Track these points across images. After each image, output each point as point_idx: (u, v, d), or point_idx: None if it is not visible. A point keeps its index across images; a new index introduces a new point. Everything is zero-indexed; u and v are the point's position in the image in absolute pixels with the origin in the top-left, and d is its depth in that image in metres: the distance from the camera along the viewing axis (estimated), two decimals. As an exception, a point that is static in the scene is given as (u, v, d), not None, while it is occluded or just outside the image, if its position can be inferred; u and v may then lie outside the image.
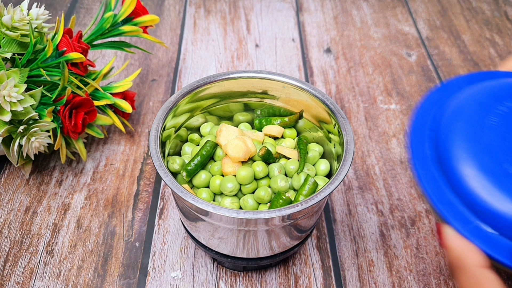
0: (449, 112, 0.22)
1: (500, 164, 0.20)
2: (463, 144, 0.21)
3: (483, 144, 0.21)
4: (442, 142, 0.21)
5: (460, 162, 0.20)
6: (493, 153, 0.20)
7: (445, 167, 0.21)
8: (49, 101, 0.36)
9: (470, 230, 0.19)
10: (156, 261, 0.34)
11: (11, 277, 0.33)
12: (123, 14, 0.40)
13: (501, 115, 0.22)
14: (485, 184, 0.20)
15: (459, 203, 0.20)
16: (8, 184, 0.39)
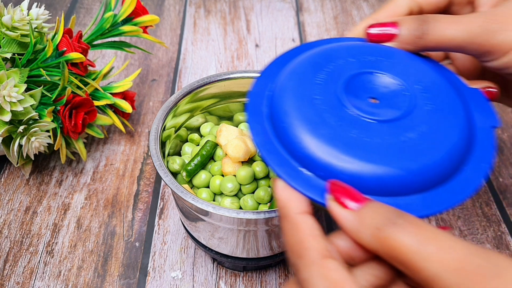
0: (285, 73, 0.25)
1: (319, 114, 0.22)
2: (290, 100, 0.23)
3: (307, 99, 0.23)
4: (275, 100, 0.24)
5: (285, 114, 0.23)
6: (315, 106, 0.23)
7: (274, 121, 0.23)
8: (49, 101, 0.36)
9: (290, 174, 0.21)
10: (156, 261, 0.34)
11: (11, 277, 0.33)
12: (123, 14, 0.40)
13: (328, 73, 0.24)
14: (304, 132, 0.22)
15: (284, 152, 0.22)
16: (8, 184, 0.39)
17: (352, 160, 0.21)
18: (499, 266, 0.16)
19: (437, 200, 0.21)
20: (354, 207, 0.19)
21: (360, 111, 0.22)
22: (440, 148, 0.21)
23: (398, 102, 0.23)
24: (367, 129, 0.22)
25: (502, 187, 0.40)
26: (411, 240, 0.17)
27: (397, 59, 0.25)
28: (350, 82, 0.24)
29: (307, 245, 0.19)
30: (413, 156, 0.21)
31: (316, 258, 0.19)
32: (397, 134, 0.22)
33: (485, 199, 0.39)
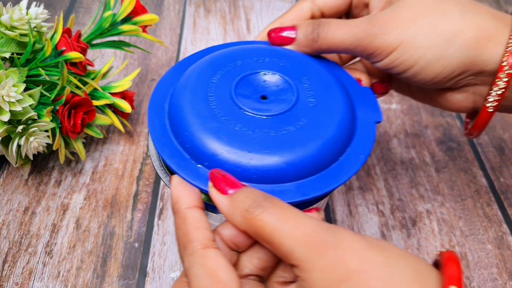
0: (187, 73, 0.27)
1: (210, 110, 0.24)
2: (186, 97, 0.25)
3: (201, 96, 0.25)
4: (173, 97, 0.26)
5: (180, 110, 0.25)
6: (207, 102, 0.25)
7: (171, 117, 0.25)
8: (48, 101, 0.36)
9: (180, 165, 0.23)
10: (155, 261, 0.34)
11: (10, 278, 0.32)
12: (123, 14, 0.40)
13: (224, 73, 0.27)
14: (193, 125, 0.24)
15: (179, 145, 0.24)
16: (6, 185, 0.39)
17: (234, 150, 0.23)
18: (338, 238, 0.19)
19: (309, 188, 0.23)
20: (231, 193, 0.21)
21: (248, 107, 0.25)
22: (315, 140, 0.23)
23: (284, 99, 0.25)
24: (251, 123, 0.24)
25: (503, 188, 0.40)
26: (272, 220, 0.19)
27: (291, 60, 0.28)
28: (243, 81, 0.26)
29: (191, 236, 0.21)
30: (289, 147, 0.23)
31: (197, 248, 0.21)
32: (278, 128, 0.24)
33: (487, 200, 0.39)
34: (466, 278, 0.33)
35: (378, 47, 0.26)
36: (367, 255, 0.18)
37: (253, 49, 0.28)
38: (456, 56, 0.25)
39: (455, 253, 0.20)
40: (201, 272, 0.20)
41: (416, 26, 0.26)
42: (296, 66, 0.27)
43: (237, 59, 0.28)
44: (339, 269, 0.18)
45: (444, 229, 0.36)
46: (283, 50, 0.29)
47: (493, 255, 0.35)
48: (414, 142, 0.43)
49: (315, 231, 0.19)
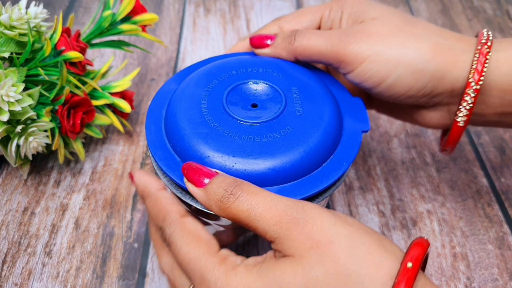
0: (186, 81, 0.29)
1: (202, 116, 0.26)
2: (181, 104, 0.27)
3: (195, 103, 0.27)
4: (170, 104, 0.28)
5: (174, 116, 0.26)
6: (200, 109, 0.26)
7: (166, 122, 0.27)
8: (47, 100, 0.36)
9: (170, 167, 0.25)
10: (155, 262, 0.34)
11: (9, 278, 0.32)
12: (122, 13, 0.40)
13: (218, 82, 0.28)
14: (185, 130, 0.25)
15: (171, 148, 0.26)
16: (6, 185, 0.39)
17: (219, 155, 0.24)
18: (307, 214, 0.20)
19: (290, 192, 0.24)
20: (205, 182, 0.23)
21: (237, 114, 0.26)
22: (298, 147, 0.24)
23: (272, 108, 0.27)
24: (239, 130, 0.25)
25: (504, 188, 0.40)
26: (244, 207, 0.21)
27: (283, 71, 0.29)
28: (235, 89, 0.28)
29: (167, 209, 0.24)
30: (272, 153, 0.24)
31: (176, 217, 0.24)
32: (263, 134, 0.25)
33: (487, 200, 0.38)
34: (466, 278, 0.33)
35: (350, 53, 0.28)
36: (333, 230, 0.20)
37: (248, 60, 0.30)
38: (427, 72, 0.27)
39: (426, 240, 0.21)
40: (183, 233, 0.23)
41: (388, 40, 0.27)
42: (288, 77, 0.29)
43: (232, 69, 0.29)
44: (308, 241, 0.20)
45: (445, 229, 0.36)
46: (277, 61, 0.30)
47: (494, 255, 0.35)
48: (414, 142, 0.43)
49: (284, 210, 0.21)
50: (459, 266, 0.34)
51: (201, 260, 0.22)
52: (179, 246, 0.23)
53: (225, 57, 0.31)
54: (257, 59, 0.30)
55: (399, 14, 0.29)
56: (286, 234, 0.20)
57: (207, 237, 0.23)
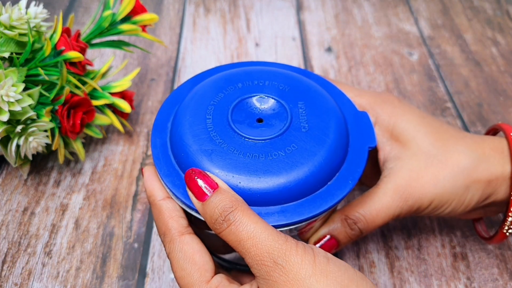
0: (191, 93, 0.28)
1: (207, 132, 0.25)
2: (186, 119, 0.26)
3: (200, 118, 0.26)
4: (176, 117, 0.27)
5: (179, 130, 0.26)
6: (205, 125, 0.26)
7: (171, 136, 0.27)
8: (47, 100, 0.36)
9: (174, 183, 0.25)
10: (155, 262, 0.34)
11: (9, 278, 0.32)
12: (122, 13, 0.40)
13: (224, 95, 0.27)
14: (189, 146, 0.25)
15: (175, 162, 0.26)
16: (6, 185, 0.39)
17: (224, 173, 0.24)
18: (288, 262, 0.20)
19: (294, 212, 0.23)
20: (208, 194, 0.23)
21: (242, 131, 0.25)
22: (302, 166, 0.24)
23: (278, 124, 0.26)
24: (244, 147, 0.25)
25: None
26: (235, 237, 0.21)
27: (290, 84, 0.28)
28: (240, 104, 0.27)
29: (168, 225, 0.24)
30: (277, 172, 0.24)
31: (175, 235, 0.24)
32: (268, 152, 0.24)
33: (487, 200, 0.38)
34: (466, 278, 0.33)
35: (414, 212, 0.29)
36: (307, 284, 0.20)
37: (255, 71, 0.29)
38: (474, 200, 0.28)
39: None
40: (180, 255, 0.23)
41: (439, 185, 0.28)
42: (294, 90, 0.28)
43: (238, 81, 0.28)
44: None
45: (445, 229, 0.36)
46: (284, 73, 0.29)
47: (494, 255, 0.35)
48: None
49: (269, 251, 0.21)
50: (459, 266, 0.34)
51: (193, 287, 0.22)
52: (175, 268, 0.23)
53: (231, 67, 0.31)
54: (264, 70, 0.29)
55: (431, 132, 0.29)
56: (266, 278, 0.21)
57: (203, 261, 0.23)
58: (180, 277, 0.23)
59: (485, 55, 0.53)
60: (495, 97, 0.48)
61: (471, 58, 0.53)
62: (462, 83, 0.50)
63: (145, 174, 0.27)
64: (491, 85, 0.49)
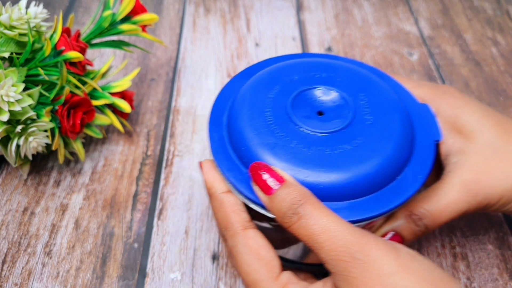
0: (245, 87, 0.27)
1: (267, 125, 0.25)
2: (244, 112, 0.26)
3: (258, 111, 0.25)
4: (232, 111, 0.26)
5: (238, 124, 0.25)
6: (264, 118, 0.25)
7: (229, 130, 0.26)
8: (47, 100, 0.36)
9: (237, 178, 0.24)
10: (155, 262, 0.34)
11: (9, 278, 0.32)
12: (122, 13, 0.40)
13: (281, 88, 0.27)
14: (251, 140, 0.24)
15: (235, 157, 0.25)
16: (6, 185, 0.39)
17: (290, 167, 0.23)
18: (369, 258, 0.19)
19: (364, 208, 0.23)
20: (272, 189, 0.22)
21: (304, 124, 0.25)
22: (371, 160, 0.23)
23: (340, 116, 0.25)
24: (307, 140, 0.24)
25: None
26: (306, 231, 0.20)
27: (348, 76, 0.27)
28: (299, 96, 0.26)
29: (230, 219, 0.23)
30: (345, 166, 0.23)
31: (238, 230, 0.23)
32: (333, 146, 0.24)
33: (487, 200, 0.38)
34: (466, 278, 0.33)
35: (483, 209, 0.27)
36: (392, 281, 0.19)
37: (311, 63, 0.28)
38: None
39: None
40: (244, 250, 0.22)
41: (509, 180, 0.26)
42: (353, 82, 0.27)
43: (294, 73, 0.27)
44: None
45: (445, 229, 0.36)
46: (340, 65, 0.28)
47: (494, 255, 0.35)
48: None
49: (346, 245, 0.19)
50: (459, 266, 0.34)
51: (261, 284, 0.21)
52: (240, 264, 0.22)
53: (283, 59, 0.30)
54: (319, 62, 0.28)
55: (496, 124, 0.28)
56: (343, 274, 0.19)
57: (269, 256, 0.22)
58: (246, 273, 0.22)
59: (485, 55, 0.53)
60: (495, 97, 0.48)
61: (471, 58, 0.53)
62: (462, 83, 0.50)
63: (205, 166, 0.26)
64: (491, 85, 0.49)
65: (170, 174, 0.40)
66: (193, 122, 0.44)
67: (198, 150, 0.42)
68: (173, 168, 0.40)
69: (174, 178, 0.39)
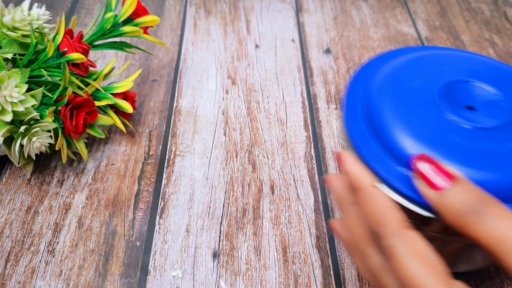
0: (381, 76, 0.26)
1: (417, 117, 0.23)
2: (388, 102, 0.24)
3: (404, 102, 0.24)
4: (372, 101, 0.25)
5: (383, 114, 0.24)
6: (412, 109, 0.23)
7: (372, 120, 0.24)
8: (50, 101, 0.36)
9: (387, 170, 0.22)
10: (156, 260, 0.34)
11: (12, 277, 0.33)
12: (124, 15, 0.40)
13: (424, 79, 0.25)
14: (404, 133, 0.22)
15: (382, 150, 0.23)
16: (9, 184, 0.39)
17: (455, 164, 0.21)
18: None
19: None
20: (442, 185, 0.19)
21: (458, 116, 0.23)
22: None
23: (495, 112, 0.23)
24: (465, 135, 0.22)
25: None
26: (491, 233, 0.18)
27: (497, 71, 0.25)
28: (447, 88, 0.24)
29: (388, 215, 0.21)
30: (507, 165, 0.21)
31: (398, 228, 0.20)
32: (498, 142, 0.21)
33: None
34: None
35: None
36: None
37: (448, 55, 0.27)
38: None
39: None
40: (407, 252, 0.20)
41: None
42: (503, 78, 0.25)
43: (433, 64, 0.26)
44: None
45: (443, 228, 0.37)
46: (491, 62, 0.27)
47: (491, 253, 0.35)
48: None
49: None
50: (457, 264, 0.35)
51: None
52: (400, 265, 0.19)
53: (422, 50, 0.28)
54: (471, 57, 0.27)
55: None
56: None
57: (436, 260, 0.19)
58: (410, 277, 0.19)
59: (482, 56, 0.53)
60: (492, 98, 0.48)
61: (469, 59, 0.53)
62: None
63: (346, 158, 0.23)
64: (489, 86, 0.50)
65: (171, 174, 0.40)
66: (194, 122, 0.45)
67: (199, 150, 0.42)
68: (175, 168, 0.40)
69: (175, 177, 0.40)
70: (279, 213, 0.37)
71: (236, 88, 0.49)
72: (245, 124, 0.44)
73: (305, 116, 0.45)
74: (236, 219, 0.37)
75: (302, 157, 0.42)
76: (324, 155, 0.42)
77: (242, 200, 0.38)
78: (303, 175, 0.40)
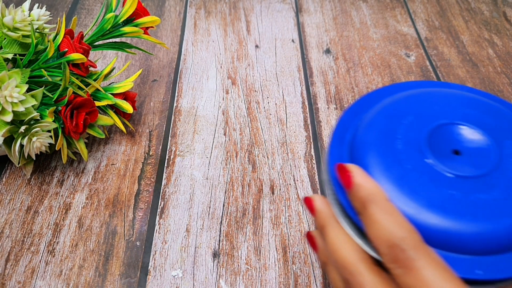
0: (371, 114, 0.26)
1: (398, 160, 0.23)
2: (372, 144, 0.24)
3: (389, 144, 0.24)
4: (357, 139, 0.25)
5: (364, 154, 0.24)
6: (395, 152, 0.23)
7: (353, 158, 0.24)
8: (50, 101, 0.36)
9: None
10: (156, 260, 0.34)
11: (12, 276, 0.33)
12: (124, 15, 0.41)
13: (412, 120, 0.25)
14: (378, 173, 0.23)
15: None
16: (9, 184, 0.39)
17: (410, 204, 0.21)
18: None
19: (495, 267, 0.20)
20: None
21: (440, 163, 0.22)
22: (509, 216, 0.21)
23: (481, 160, 0.23)
24: (446, 183, 0.22)
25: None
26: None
27: (497, 117, 0.25)
28: (434, 132, 0.24)
29: (408, 227, 0.20)
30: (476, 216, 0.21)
31: (418, 241, 0.20)
32: (471, 192, 0.21)
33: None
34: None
35: None
36: None
37: (443, 94, 0.26)
38: None
39: None
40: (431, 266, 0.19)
41: None
42: (501, 125, 0.24)
43: (431, 104, 0.25)
44: None
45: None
46: (488, 103, 0.26)
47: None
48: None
49: None
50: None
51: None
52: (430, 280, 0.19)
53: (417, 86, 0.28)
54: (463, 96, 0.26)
55: None
56: None
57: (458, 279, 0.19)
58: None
59: (482, 56, 0.54)
60: (492, 98, 0.48)
61: (468, 59, 0.53)
62: (459, 83, 0.50)
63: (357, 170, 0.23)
64: (488, 85, 0.50)
65: (171, 174, 0.40)
66: (194, 122, 0.45)
67: (199, 149, 0.42)
68: (175, 168, 0.41)
69: (175, 177, 0.40)
70: (279, 213, 0.37)
71: (236, 88, 0.49)
72: (245, 124, 0.45)
73: (305, 116, 0.46)
74: (236, 219, 0.37)
75: (302, 157, 0.42)
76: (324, 155, 0.42)
77: (242, 200, 0.38)
78: (303, 175, 0.40)
